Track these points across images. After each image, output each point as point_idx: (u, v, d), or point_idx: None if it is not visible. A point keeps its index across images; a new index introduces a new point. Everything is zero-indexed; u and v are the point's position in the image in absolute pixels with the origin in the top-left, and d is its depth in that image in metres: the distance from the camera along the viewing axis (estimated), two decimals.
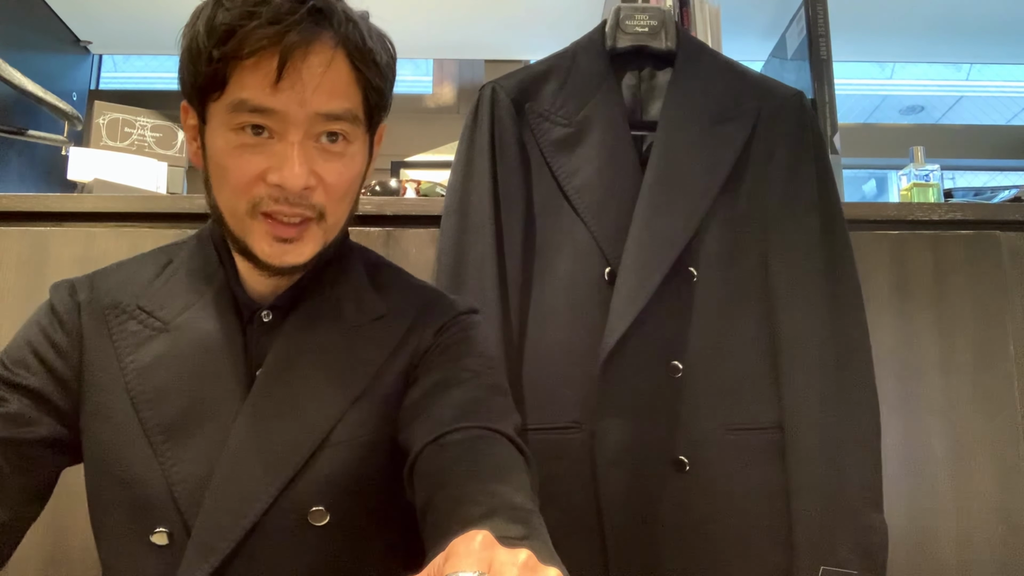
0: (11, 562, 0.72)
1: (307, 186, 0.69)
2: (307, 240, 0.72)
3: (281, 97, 0.67)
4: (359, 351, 0.76)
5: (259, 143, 0.69)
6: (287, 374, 0.73)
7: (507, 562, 0.40)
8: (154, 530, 0.69)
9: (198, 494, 0.68)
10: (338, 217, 0.74)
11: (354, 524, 0.73)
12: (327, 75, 0.68)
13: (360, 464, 0.73)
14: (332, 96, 0.69)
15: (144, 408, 0.71)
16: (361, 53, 0.70)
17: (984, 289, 1.26)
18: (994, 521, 1.19)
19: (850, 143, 1.82)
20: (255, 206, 0.69)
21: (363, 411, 0.74)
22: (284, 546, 0.69)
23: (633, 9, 1.19)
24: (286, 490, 0.69)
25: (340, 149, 0.72)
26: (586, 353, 1.06)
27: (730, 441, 1.07)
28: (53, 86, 1.49)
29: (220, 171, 0.71)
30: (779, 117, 1.15)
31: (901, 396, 1.22)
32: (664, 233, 1.07)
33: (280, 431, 0.71)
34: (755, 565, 1.04)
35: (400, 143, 1.96)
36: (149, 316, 0.76)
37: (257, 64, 0.66)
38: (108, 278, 0.80)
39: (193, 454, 0.70)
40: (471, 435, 0.67)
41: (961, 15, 1.92)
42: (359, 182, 0.77)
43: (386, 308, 0.80)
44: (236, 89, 0.67)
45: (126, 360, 0.73)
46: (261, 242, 0.71)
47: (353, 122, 0.72)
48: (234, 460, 0.69)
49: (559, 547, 0.56)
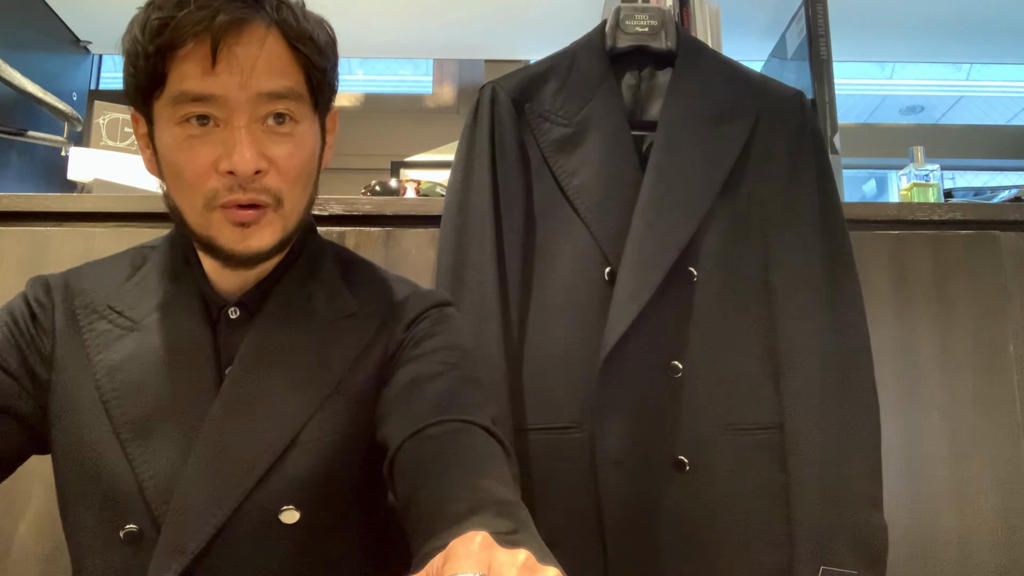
0: (11, 562, 0.72)
1: (258, 169, 0.69)
2: (265, 225, 0.72)
3: (219, 81, 0.67)
4: (330, 349, 0.76)
5: (205, 133, 0.69)
6: (256, 373, 0.73)
7: (506, 563, 0.40)
8: (124, 527, 0.69)
9: (168, 491, 0.68)
10: (295, 202, 0.74)
11: (325, 523, 0.73)
12: (263, 55, 0.69)
13: (331, 463, 0.73)
14: (271, 75, 0.69)
15: (113, 406, 0.71)
16: (296, 32, 0.71)
17: (984, 289, 1.26)
18: (994, 521, 1.19)
19: (850, 143, 1.82)
20: (211, 200, 0.70)
21: (334, 410, 0.74)
22: (255, 545, 0.69)
23: (633, 9, 1.19)
24: (256, 489, 0.69)
25: (288, 130, 0.72)
26: (586, 353, 1.06)
27: (730, 441, 1.07)
28: (53, 86, 1.49)
29: (173, 170, 0.71)
30: (779, 117, 1.15)
31: (901, 396, 1.22)
32: (664, 233, 1.07)
33: (249, 431, 0.71)
34: (755, 565, 1.04)
35: (400, 143, 1.96)
36: (119, 316, 0.76)
37: (192, 52, 0.67)
38: (82, 277, 0.80)
39: (162, 451, 0.70)
40: (450, 428, 0.67)
41: (961, 15, 1.92)
42: (313, 165, 0.76)
43: (357, 305, 0.80)
44: (176, 81, 0.68)
45: (96, 359, 0.74)
46: (222, 231, 0.71)
47: (298, 100, 0.72)
48: (203, 460, 0.69)
49: (559, 547, 0.56)
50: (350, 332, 0.78)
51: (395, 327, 0.79)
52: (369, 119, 2.15)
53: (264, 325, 0.76)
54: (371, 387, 0.76)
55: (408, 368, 0.75)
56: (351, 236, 1.20)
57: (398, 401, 0.72)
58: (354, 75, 2.68)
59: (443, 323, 0.81)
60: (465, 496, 0.58)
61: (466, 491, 0.59)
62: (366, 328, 0.78)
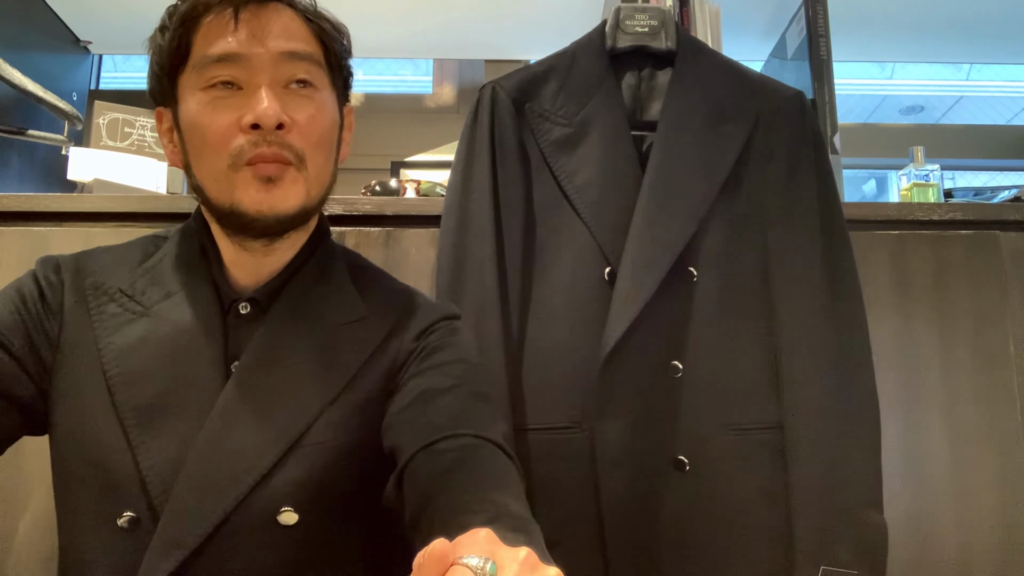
0: (11, 562, 0.72)
1: (280, 122, 0.71)
2: (289, 184, 0.73)
3: (242, 41, 0.71)
4: (338, 352, 0.76)
5: (230, 95, 0.72)
6: (264, 371, 0.73)
7: (508, 557, 0.41)
8: (121, 513, 0.69)
9: (168, 480, 0.68)
10: (318, 169, 0.75)
11: (323, 527, 0.73)
12: (281, 21, 0.74)
13: (332, 468, 0.73)
14: (291, 38, 0.74)
15: (119, 390, 0.71)
16: (311, 10, 0.77)
17: (984, 289, 1.26)
18: (994, 521, 1.19)
19: (850, 143, 1.82)
20: (237, 158, 0.71)
21: (338, 414, 0.74)
22: (251, 545, 0.69)
23: (633, 9, 1.19)
24: (256, 489, 0.69)
25: (309, 93, 0.75)
26: (586, 353, 1.06)
27: (730, 441, 1.07)
28: (53, 86, 1.49)
29: (198, 136, 0.73)
30: (779, 117, 1.15)
31: (901, 396, 1.22)
32: (664, 233, 1.07)
33: (254, 430, 0.71)
34: (755, 565, 1.04)
35: (400, 143, 1.97)
36: (130, 300, 0.76)
37: (215, 20, 0.72)
38: (93, 260, 0.80)
39: (165, 440, 0.70)
40: (464, 443, 0.67)
41: (961, 15, 1.92)
42: (334, 136, 0.78)
43: (367, 310, 0.80)
44: (200, 48, 0.72)
45: (104, 341, 0.73)
46: (248, 191, 0.72)
47: (318, 67, 0.76)
48: (205, 455, 0.69)
49: (559, 547, 0.56)
50: (359, 337, 0.78)
51: (404, 336, 0.79)
52: (369, 119, 2.16)
53: (274, 324, 0.76)
54: (377, 395, 0.76)
55: (418, 380, 0.75)
56: (351, 236, 1.21)
57: (408, 412, 0.72)
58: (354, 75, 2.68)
59: (452, 335, 0.81)
60: (480, 508, 0.58)
61: (481, 504, 0.58)
62: (375, 334, 0.78)
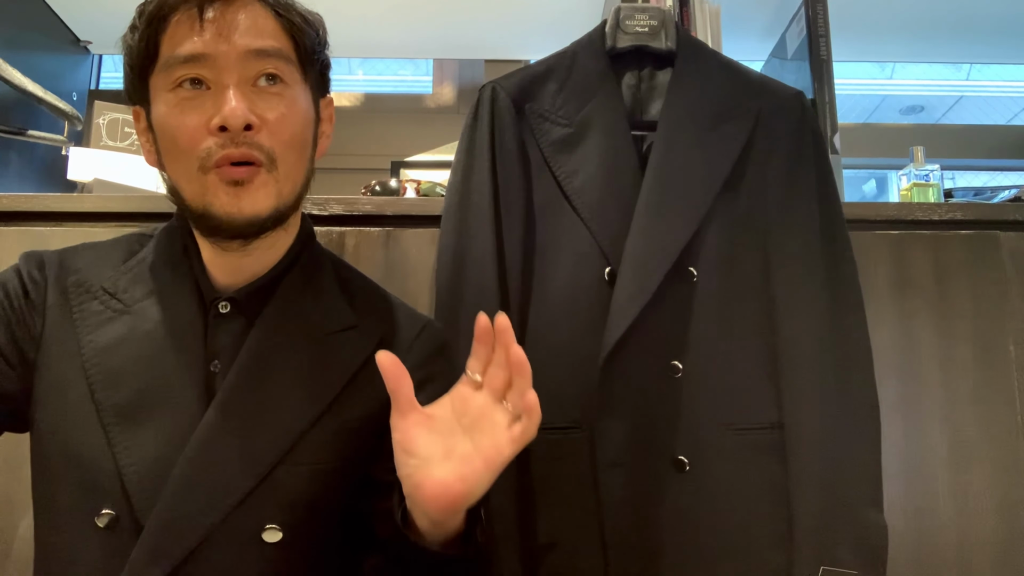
0: (10, 561, 0.72)
1: (248, 123, 0.70)
2: (259, 186, 0.72)
3: (208, 40, 0.70)
4: (328, 362, 0.76)
5: (197, 95, 0.71)
6: (253, 381, 0.73)
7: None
8: (100, 512, 0.69)
9: (147, 480, 0.68)
10: (289, 168, 0.74)
11: (308, 544, 0.72)
12: (248, 18, 0.72)
13: (319, 487, 0.72)
14: (258, 35, 0.72)
15: (99, 388, 0.71)
16: (280, 3, 0.75)
17: (984, 289, 1.26)
18: (994, 521, 1.19)
19: (850, 143, 1.82)
20: (205, 160, 0.70)
21: (329, 431, 0.74)
22: (234, 560, 0.69)
23: (633, 9, 1.19)
24: (240, 506, 0.69)
25: (279, 90, 0.73)
26: (586, 353, 1.06)
27: (730, 441, 1.06)
28: (53, 86, 1.49)
29: (168, 137, 0.72)
30: (779, 117, 1.15)
31: (901, 396, 1.22)
32: (664, 233, 1.07)
33: (240, 444, 0.70)
34: (755, 565, 1.04)
35: (400, 143, 1.96)
36: (112, 298, 0.76)
37: (181, 19, 0.71)
38: (77, 257, 0.80)
39: (145, 438, 0.70)
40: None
41: (961, 15, 1.92)
42: (308, 134, 0.77)
43: (356, 319, 0.80)
44: (167, 49, 0.71)
45: (85, 339, 0.73)
46: (217, 195, 0.71)
47: (287, 62, 0.74)
48: (192, 467, 0.69)
49: (559, 547, 0.56)
50: (348, 346, 0.78)
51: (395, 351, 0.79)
52: (369, 119, 2.15)
53: (262, 331, 0.75)
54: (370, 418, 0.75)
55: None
56: (351, 236, 1.20)
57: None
58: (354, 75, 2.68)
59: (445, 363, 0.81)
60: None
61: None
62: (364, 344, 0.78)
